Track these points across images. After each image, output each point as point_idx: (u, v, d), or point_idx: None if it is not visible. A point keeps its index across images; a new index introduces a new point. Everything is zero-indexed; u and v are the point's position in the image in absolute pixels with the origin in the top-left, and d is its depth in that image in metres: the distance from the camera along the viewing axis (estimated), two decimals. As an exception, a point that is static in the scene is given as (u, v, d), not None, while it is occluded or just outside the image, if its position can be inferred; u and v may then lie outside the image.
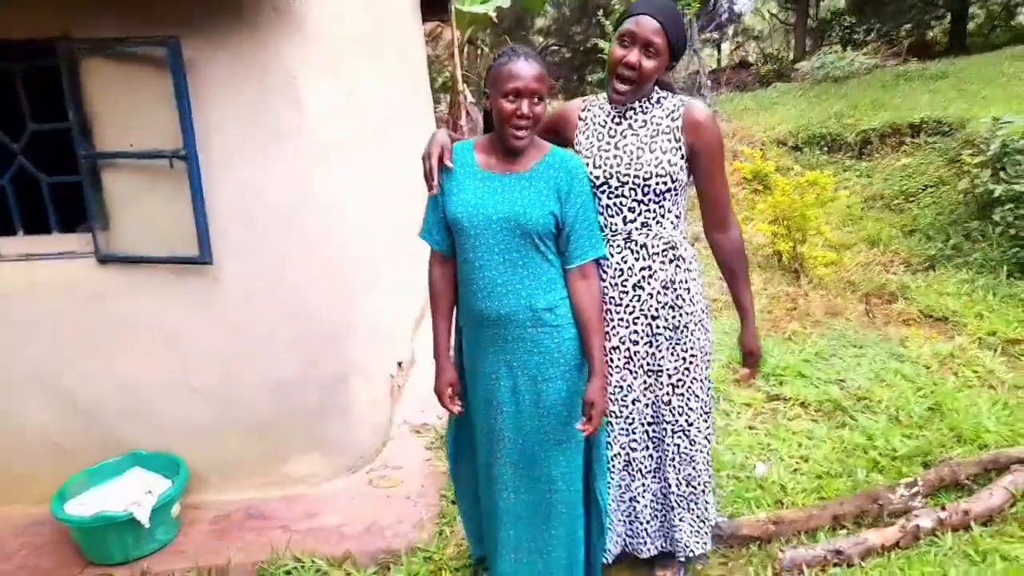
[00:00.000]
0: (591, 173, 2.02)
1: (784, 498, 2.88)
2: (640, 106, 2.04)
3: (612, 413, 2.14)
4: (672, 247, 2.06)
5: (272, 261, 2.87)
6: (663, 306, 2.07)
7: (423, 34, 6.80)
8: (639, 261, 2.05)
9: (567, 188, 1.93)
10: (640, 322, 2.08)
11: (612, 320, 2.09)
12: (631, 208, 2.03)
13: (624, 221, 2.04)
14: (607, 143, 2.04)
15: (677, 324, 2.09)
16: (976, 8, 17.55)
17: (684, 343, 2.11)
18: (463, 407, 2.14)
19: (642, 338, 2.09)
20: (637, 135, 2.02)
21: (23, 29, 2.63)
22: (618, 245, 2.06)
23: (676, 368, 2.12)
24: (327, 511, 2.95)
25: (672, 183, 2.01)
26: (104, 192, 2.78)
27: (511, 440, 2.04)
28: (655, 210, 2.04)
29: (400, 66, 4.88)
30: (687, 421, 2.16)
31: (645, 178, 1.99)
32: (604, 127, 2.07)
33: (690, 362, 2.12)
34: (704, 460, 2.22)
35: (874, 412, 3.49)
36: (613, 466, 2.19)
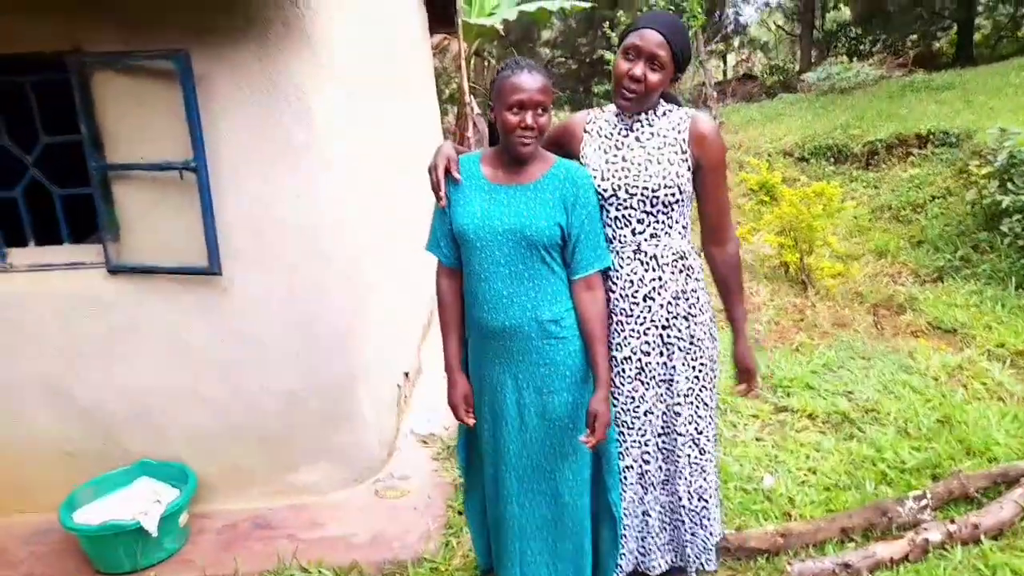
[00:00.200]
0: (599, 186, 2.03)
1: (792, 510, 2.86)
2: (646, 118, 2.05)
3: (624, 424, 2.14)
4: (682, 257, 2.07)
5: (280, 271, 2.89)
6: (674, 316, 2.07)
7: (430, 46, 6.85)
8: (649, 272, 2.05)
9: (573, 199, 1.94)
10: (651, 333, 2.08)
11: (623, 331, 2.09)
12: (640, 220, 2.03)
13: (633, 233, 2.04)
14: (614, 155, 2.05)
15: (690, 334, 2.09)
16: (983, 19, 17.59)
17: (695, 352, 2.11)
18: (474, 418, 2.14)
19: (653, 349, 2.09)
20: (644, 147, 2.03)
21: (35, 43, 2.67)
22: (628, 257, 2.06)
23: (687, 377, 2.12)
24: (334, 521, 2.95)
25: (680, 194, 2.02)
26: (115, 203, 2.81)
27: (516, 452, 2.04)
28: (664, 221, 2.04)
29: (407, 78, 4.92)
30: (696, 430, 2.16)
31: (653, 189, 2.00)
32: (610, 139, 2.08)
33: (700, 371, 2.13)
34: (713, 471, 2.22)
35: (882, 424, 3.47)
36: (626, 479, 2.18)
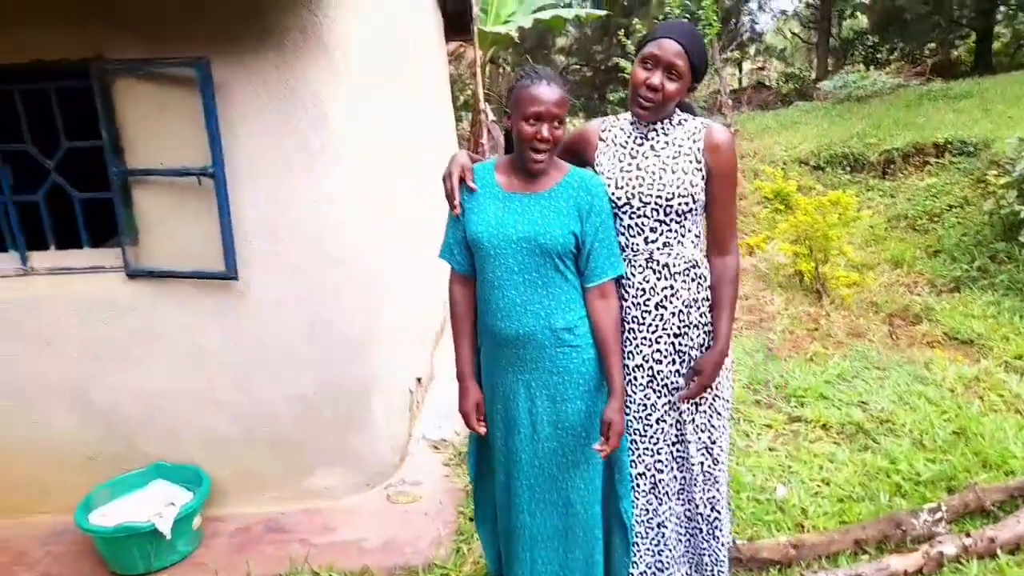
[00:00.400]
0: (612, 194, 2.03)
1: (805, 521, 2.84)
2: (661, 127, 2.06)
3: (636, 432, 2.13)
4: (693, 266, 2.07)
5: (295, 277, 2.91)
6: (686, 325, 2.07)
7: (446, 53, 6.89)
8: (661, 281, 2.05)
9: (587, 207, 1.94)
10: (663, 341, 2.08)
11: (635, 339, 2.08)
12: (653, 228, 2.03)
13: (646, 241, 2.05)
14: (629, 164, 2.05)
15: (701, 342, 2.09)
16: (1002, 28, 17.42)
17: None
18: (486, 426, 2.14)
19: (665, 357, 2.09)
20: (659, 156, 2.04)
21: (58, 50, 2.72)
22: (640, 265, 2.06)
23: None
24: (346, 525, 2.97)
25: (693, 203, 2.02)
26: (134, 208, 2.85)
27: (528, 461, 2.04)
28: (676, 230, 2.04)
29: (423, 85, 4.95)
30: (710, 438, 2.15)
31: (667, 199, 2.00)
32: (625, 148, 2.08)
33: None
34: (725, 481, 2.21)
35: (897, 435, 3.44)
36: (638, 487, 2.17)
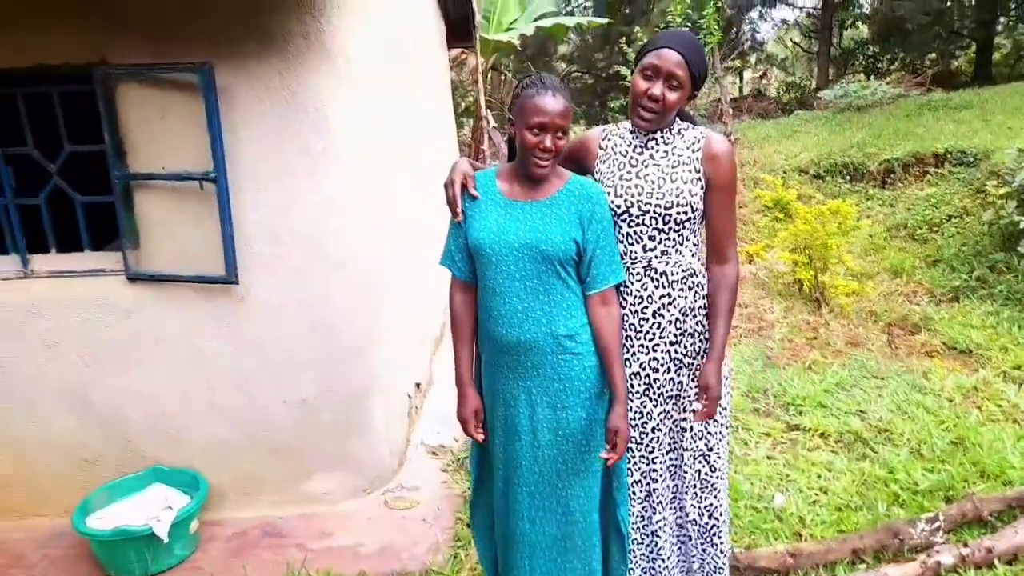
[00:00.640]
0: (612, 202, 2.04)
1: (802, 530, 2.84)
2: (661, 137, 2.07)
3: (632, 440, 2.13)
4: (691, 274, 2.07)
5: (296, 281, 2.92)
6: (683, 333, 2.08)
7: (448, 59, 6.91)
8: (659, 289, 2.06)
9: (589, 214, 1.95)
10: (660, 349, 2.08)
11: (632, 347, 2.09)
12: (651, 236, 2.05)
13: (644, 249, 2.06)
14: (628, 172, 2.07)
15: (698, 350, 2.10)
16: (1002, 39, 17.49)
17: None
18: (484, 433, 2.14)
19: (662, 365, 2.09)
20: (659, 165, 2.05)
21: (61, 54, 2.73)
22: (638, 273, 2.07)
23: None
24: (343, 531, 2.96)
25: (692, 213, 2.03)
26: (135, 212, 2.86)
27: (529, 468, 2.04)
28: (675, 239, 2.05)
29: (425, 92, 4.97)
30: (707, 446, 2.16)
31: (666, 207, 2.01)
32: (626, 156, 2.10)
33: None
34: (724, 489, 2.21)
35: (895, 445, 3.45)
36: (634, 495, 2.17)
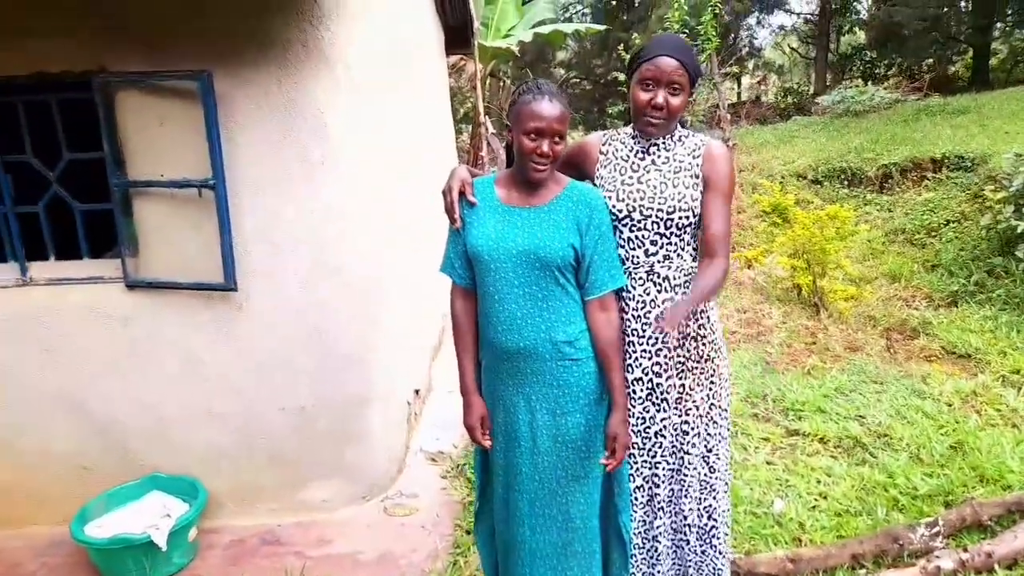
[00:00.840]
0: (614, 206, 2.06)
1: (802, 535, 2.84)
2: (663, 143, 2.09)
3: (635, 445, 2.13)
4: (693, 278, 2.08)
5: (294, 289, 2.92)
6: (685, 336, 2.08)
7: (447, 65, 6.94)
8: (661, 293, 2.07)
9: (587, 220, 1.96)
10: (662, 353, 2.09)
11: (635, 352, 2.10)
12: (653, 241, 2.06)
13: (646, 254, 2.07)
14: (630, 177, 2.08)
15: (700, 354, 2.10)
16: (999, 44, 17.57)
17: (707, 372, 2.12)
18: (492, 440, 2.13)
19: (665, 370, 2.10)
20: (660, 171, 2.07)
21: (60, 62, 2.74)
22: (640, 277, 2.08)
23: (699, 396, 2.12)
24: (341, 538, 2.96)
25: (693, 218, 2.05)
26: (134, 219, 2.86)
27: (529, 475, 2.04)
28: (676, 243, 2.06)
29: (424, 98, 4.98)
30: (707, 447, 2.16)
31: (668, 212, 2.03)
32: (627, 161, 2.11)
33: (711, 389, 2.13)
34: (724, 491, 2.21)
35: (895, 450, 3.44)
36: (635, 500, 2.17)
